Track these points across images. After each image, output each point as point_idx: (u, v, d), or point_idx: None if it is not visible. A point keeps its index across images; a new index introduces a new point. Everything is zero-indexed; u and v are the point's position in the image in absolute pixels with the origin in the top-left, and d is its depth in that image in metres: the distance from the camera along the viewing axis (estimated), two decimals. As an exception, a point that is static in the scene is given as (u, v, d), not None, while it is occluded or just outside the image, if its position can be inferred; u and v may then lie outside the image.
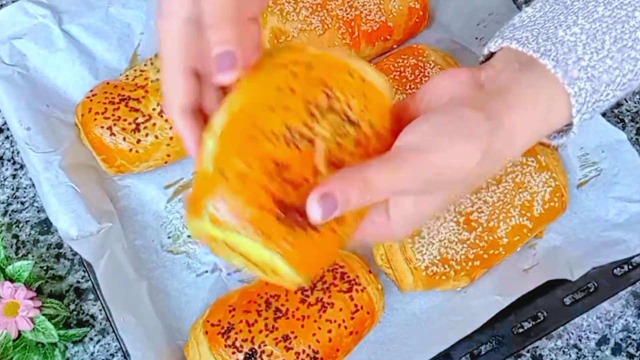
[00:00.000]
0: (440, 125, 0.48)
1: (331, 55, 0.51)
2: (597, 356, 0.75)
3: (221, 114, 0.49)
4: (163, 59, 0.52)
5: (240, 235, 0.46)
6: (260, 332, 0.66)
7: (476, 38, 0.84)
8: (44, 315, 0.70)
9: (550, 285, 0.72)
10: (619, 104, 0.84)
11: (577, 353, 0.75)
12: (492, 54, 0.54)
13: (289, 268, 0.47)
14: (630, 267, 0.74)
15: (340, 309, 0.68)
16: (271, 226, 0.46)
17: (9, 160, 0.82)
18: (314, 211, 0.45)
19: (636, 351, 0.75)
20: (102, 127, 0.75)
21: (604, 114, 0.82)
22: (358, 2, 0.80)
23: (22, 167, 0.81)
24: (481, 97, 0.49)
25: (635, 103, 0.84)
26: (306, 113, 0.48)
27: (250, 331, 0.67)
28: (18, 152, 0.81)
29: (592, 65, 0.49)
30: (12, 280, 0.70)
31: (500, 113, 0.48)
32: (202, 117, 0.53)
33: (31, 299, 0.69)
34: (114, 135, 0.75)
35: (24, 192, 0.80)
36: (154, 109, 0.76)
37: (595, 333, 0.76)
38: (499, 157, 0.49)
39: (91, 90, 0.78)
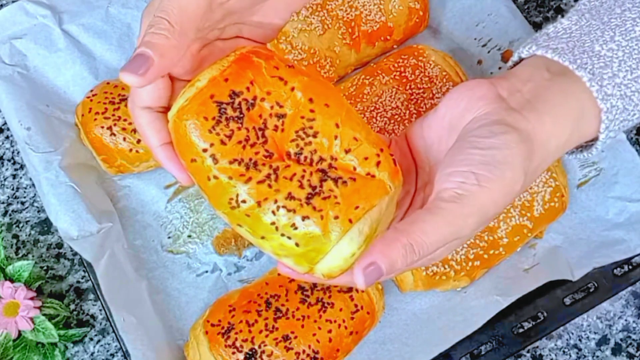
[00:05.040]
0: (476, 164, 0.46)
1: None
2: (597, 356, 0.75)
3: None
4: None
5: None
6: (261, 332, 0.66)
7: (475, 39, 0.84)
8: (44, 315, 0.69)
9: (550, 285, 0.72)
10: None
11: (577, 353, 0.75)
12: (519, 61, 0.54)
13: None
14: (630, 267, 0.74)
15: (341, 309, 0.68)
16: None
17: (9, 160, 0.82)
18: (359, 281, 0.45)
19: (636, 351, 0.75)
20: (102, 127, 0.75)
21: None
22: (358, 2, 0.80)
23: (22, 167, 0.81)
24: (509, 113, 0.48)
25: (635, 103, 0.84)
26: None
27: (250, 331, 0.67)
28: (18, 152, 0.81)
29: (626, 84, 0.49)
30: (12, 280, 0.70)
31: (533, 126, 0.47)
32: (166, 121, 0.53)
33: (31, 299, 0.69)
34: (114, 135, 0.75)
35: (24, 192, 0.80)
36: (154, 109, 0.76)
37: (595, 333, 0.76)
38: (538, 171, 0.49)
39: (91, 90, 0.78)
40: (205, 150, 0.49)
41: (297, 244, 0.49)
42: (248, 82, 0.50)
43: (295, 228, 0.48)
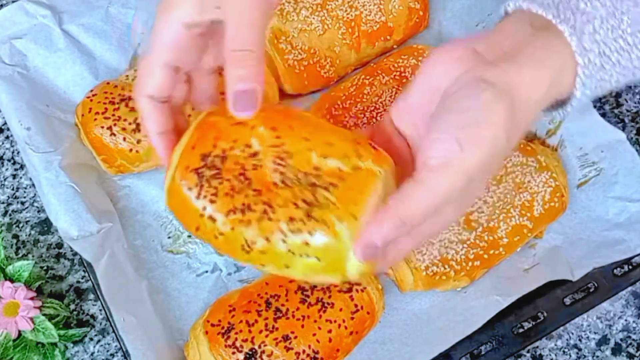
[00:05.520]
0: (457, 128, 0.47)
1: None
2: (597, 356, 0.75)
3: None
4: (150, 50, 0.53)
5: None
6: (261, 332, 0.66)
7: (475, 38, 0.85)
8: (44, 315, 0.69)
9: (550, 285, 0.72)
10: (618, 104, 0.84)
11: (577, 353, 0.75)
12: (504, 16, 0.55)
13: None
14: (630, 267, 0.74)
15: (341, 309, 0.68)
16: None
17: (9, 160, 0.82)
18: (359, 257, 0.49)
19: (636, 351, 0.75)
20: (102, 127, 0.75)
21: (603, 114, 0.82)
22: (358, 2, 0.80)
23: (22, 167, 0.81)
24: (487, 69, 0.49)
25: (635, 103, 0.85)
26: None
27: (250, 331, 0.67)
28: (18, 152, 0.81)
29: (605, 42, 0.50)
30: (12, 280, 0.70)
31: (511, 78, 0.48)
32: (170, 113, 0.56)
33: (31, 299, 0.69)
34: (114, 135, 0.75)
35: (24, 192, 0.80)
36: (154, 109, 0.76)
37: (595, 333, 0.76)
38: (521, 127, 0.49)
39: (91, 90, 0.78)
40: (201, 216, 0.52)
41: (318, 259, 0.50)
42: (212, 140, 0.53)
43: (309, 245, 0.50)
